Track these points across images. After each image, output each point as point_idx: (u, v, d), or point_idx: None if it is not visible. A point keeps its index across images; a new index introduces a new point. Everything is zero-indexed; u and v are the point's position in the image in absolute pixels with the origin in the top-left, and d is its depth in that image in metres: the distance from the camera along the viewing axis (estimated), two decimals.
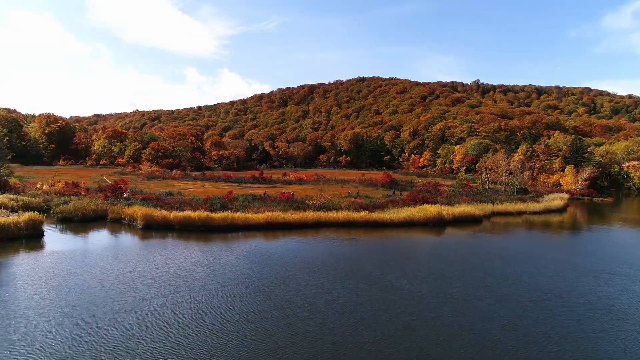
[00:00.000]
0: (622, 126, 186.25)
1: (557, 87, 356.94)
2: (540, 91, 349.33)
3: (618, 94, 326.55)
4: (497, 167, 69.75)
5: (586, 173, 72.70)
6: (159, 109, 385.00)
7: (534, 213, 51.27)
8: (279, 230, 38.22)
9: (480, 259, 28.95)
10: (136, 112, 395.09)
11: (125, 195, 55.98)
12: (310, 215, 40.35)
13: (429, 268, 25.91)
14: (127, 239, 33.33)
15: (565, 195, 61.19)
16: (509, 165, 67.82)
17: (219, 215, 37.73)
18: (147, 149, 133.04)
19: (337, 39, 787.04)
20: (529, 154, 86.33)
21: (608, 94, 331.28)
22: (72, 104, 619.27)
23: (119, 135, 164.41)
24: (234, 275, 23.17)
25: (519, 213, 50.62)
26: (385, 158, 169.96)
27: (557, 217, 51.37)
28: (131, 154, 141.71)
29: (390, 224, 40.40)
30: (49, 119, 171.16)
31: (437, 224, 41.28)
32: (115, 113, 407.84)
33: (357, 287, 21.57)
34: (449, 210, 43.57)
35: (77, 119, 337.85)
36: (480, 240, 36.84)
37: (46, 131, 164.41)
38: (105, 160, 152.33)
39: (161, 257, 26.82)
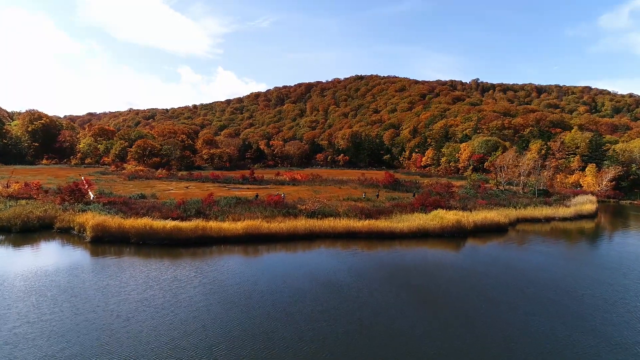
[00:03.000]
0: (628, 124, 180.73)
1: (557, 86, 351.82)
2: (540, 90, 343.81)
3: (619, 93, 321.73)
4: (514, 166, 62.64)
5: (611, 173, 65.77)
6: (154, 107, 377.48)
7: (564, 219, 44.11)
8: (262, 243, 30.91)
9: (542, 293, 20.97)
10: (130, 110, 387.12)
11: (92, 197, 49.19)
12: (302, 224, 33.02)
13: (479, 314, 17.77)
14: (66, 259, 25.87)
15: (593, 198, 54.16)
16: (527, 164, 60.70)
17: (187, 224, 30.34)
18: (133, 147, 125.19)
19: (333, 38, 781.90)
20: (543, 152, 79.34)
21: (609, 92, 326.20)
22: (67, 103, 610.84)
23: (106, 133, 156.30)
24: (189, 330, 15.58)
25: (547, 219, 43.42)
26: (385, 157, 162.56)
27: (589, 224, 44.25)
28: (117, 152, 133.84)
29: (399, 234, 33.14)
30: (33, 116, 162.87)
31: (456, 235, 34.06)
32: (110, 112, 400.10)
33: None
34: (469, 217, 36.36)
35: (71, 118, 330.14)
36: (520, 259, 28.83)
37: (29, 129, 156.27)
38: (91, 159, 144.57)
39: (94, 293, 19.36)
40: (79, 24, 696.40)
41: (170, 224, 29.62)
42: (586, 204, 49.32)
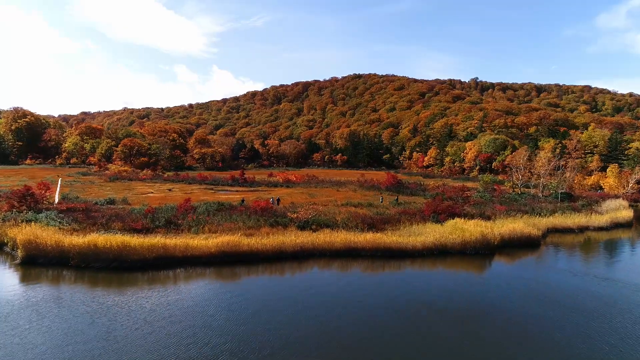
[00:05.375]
0: (634, 123, 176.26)
1: (557, 85, 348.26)
2: (540, 89, 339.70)
3: (619, 92, 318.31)
4: (531, 167, 56.44)
5: (639, 174, 59.42)
6: (149, 106, 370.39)
7: (600, 229, 37.88)
8: (241, 263, 24.57)
9: None
10: (125, 109, 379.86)
11: (56, 202, 43.17)
12: (291, 240, 26.56)
13: None
14: None
15: (625, 203, 47.96)
16: (548, 165, 54.40)
17: (142, 242, 23.88)
18: (119, 147, 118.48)
19: (330, 37, 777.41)
20: (557, 150, 73.16)
21: (609, 92, 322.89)
22: (62, 103, 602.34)
23: (94, 132, 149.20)
24: None
25: (581, 229, 37.17)
26: (385, 157, 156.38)
27: (627, 233, 38.07)
28: (103, 152, 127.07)
29: (411, 252, 26.81)
30: (17, 114, 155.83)
31: (481, 251, 27.76)
32: (104, 111, 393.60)
33: None
34: (493, 229, 30.12)
35: (65, 117, 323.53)
36: (582, 289, 21.73)
37: (13, 127, 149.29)
38: (77, 159, 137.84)
39: None
40: (73, 24, 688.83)
41: (117, 240, 23.14)
42: (620, 210, 43.17)
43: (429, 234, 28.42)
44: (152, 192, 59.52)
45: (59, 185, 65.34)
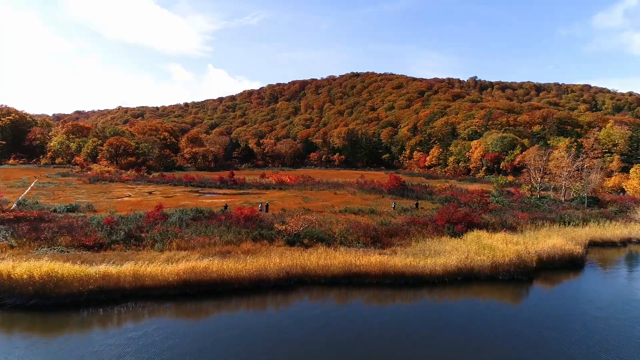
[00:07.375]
0: (638, 123, 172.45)
1: (556, 84, 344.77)
2: (539, 88, 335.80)
3: (618, 91, 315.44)
4: (555, 167, 50.76)
5: None
6: (144, 105, 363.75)
7: None
8: (210, 296, 18.78)
9: None
10: (119, 108, 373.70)
11: (13, 207, 38.02)
12: (274, 263, 20.68)
13: None
14: None
15: None
16: (572, 165, 48.77)
17: (75, 271, 17.91)
18: (104, 146, 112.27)
19: (326, 36, 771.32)
20: (573, 149, 67.49)
21: (609, 91, 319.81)
22: (56, 102, 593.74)
23: (81, 131, 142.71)
24: None
25: (623, 242, 31.51)
26: (384, 156, 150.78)
27: None
28: (89, 151, 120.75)
29: (428, 277, 21.02)
30: (1, 112, 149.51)
31: (515, 276, 21.96)
32: (98, 110, 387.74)
33: None
34: (527, 245, 24.43)
35: (59, 117, 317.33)
36: None
37: None
38: (62, 158, 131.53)
39: None
40: (68, 23, 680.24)
41: (42, 269, 17.24)
42: None
43: (450, 253, 22.66)
44: (129, 196, 53.65)
45: (28, 188, 59.31)
